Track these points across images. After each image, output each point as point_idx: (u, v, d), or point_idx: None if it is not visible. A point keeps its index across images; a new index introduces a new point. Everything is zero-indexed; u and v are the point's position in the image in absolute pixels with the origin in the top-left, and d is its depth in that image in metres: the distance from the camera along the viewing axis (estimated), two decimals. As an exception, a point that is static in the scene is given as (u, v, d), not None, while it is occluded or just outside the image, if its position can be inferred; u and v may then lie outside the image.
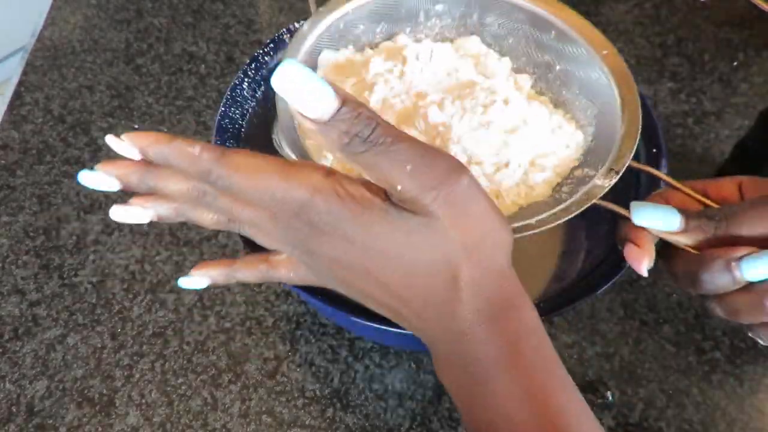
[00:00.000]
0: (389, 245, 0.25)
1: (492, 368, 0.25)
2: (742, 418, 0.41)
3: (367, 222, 0.25)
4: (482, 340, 0.25)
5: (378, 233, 0.25)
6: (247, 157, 0.26)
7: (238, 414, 0.41)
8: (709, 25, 0.62)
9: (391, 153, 0.23)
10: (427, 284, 0.26)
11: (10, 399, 0.41)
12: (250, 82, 0.40)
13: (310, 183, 0.25)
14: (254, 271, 0.30)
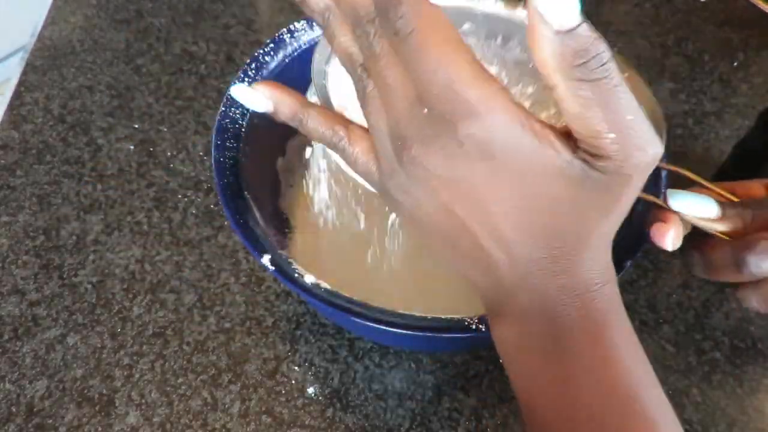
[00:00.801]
0: (553, 196, 0.22)
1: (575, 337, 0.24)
2: (742, 419, 0.41)
3: (540, 166, 0.22)
4: (579, 304, 0.24)
5: (544, 180, 0.22)
6: (449, 25, 0.22)
7: (238, 414, 0.41)
8: (709, 25, 0.62)
9: (619, 94, 0.20)
10: (556, 241, 0.23)
11: (10, 399, 0.41)
12: (250, 82, 0.40)
13: (496, 97, 0.21)
14: (327, 128, 0.26)
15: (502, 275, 0.24)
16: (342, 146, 0.26)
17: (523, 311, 0.24)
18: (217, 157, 0.36)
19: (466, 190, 0.23)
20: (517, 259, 0.24)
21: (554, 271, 0.24)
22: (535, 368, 0.25)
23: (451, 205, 0.24)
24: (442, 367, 0.43)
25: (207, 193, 0.50)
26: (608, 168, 0.21)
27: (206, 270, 0.46)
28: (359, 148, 0.26)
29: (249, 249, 0.33)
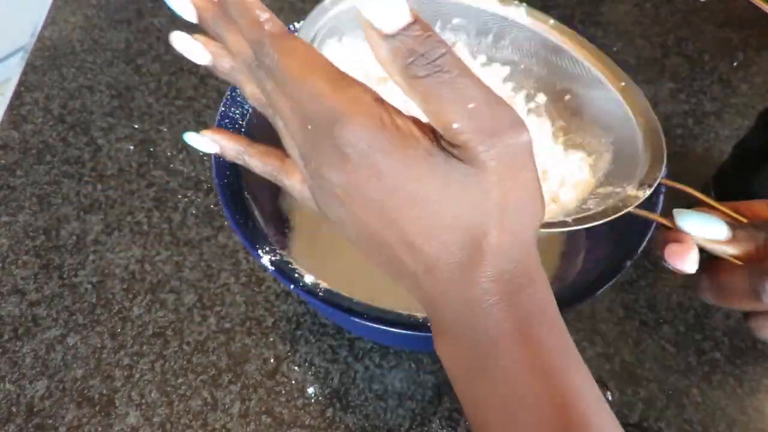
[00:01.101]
0: (423, 190, 0.23)
1: (502, 341, 0.23)
2: (742, 419, 0.41)
3: (405, 159, 0.23)
4: (495, 310, 0.23)
5: (414, 175, 0.23)
6: (307, 49, 0.24)
7: (238, 414, 0.41)
8: (709, 25, 0.62)
9: (455, 85, 0.21)
10: (451, 240, 0.23)
11: (10, 399, 0.41)
12: (250, 82, 0.39)
13: (356, 99, 0.23)
14: (266, 163, 0.29)
15: (422, 286, 0.25)
16: (280, 179, 0.29)
17: (447, 324, 0.25)
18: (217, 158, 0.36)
19: (363, 195, 0.24)
20: (428, 265, 0.24)
21: (464, 275, 0.24)
22: (473, 388, 0.25)
23: (361, 214, 0.24)
24: (442, 367, 0.42)
25: (207, 193, 0.50)
26: (465, 156, 0.22)
27: (206, 270, 0.46)
28: (294, 177, 0.28)
29: (249, 249, 0.33)
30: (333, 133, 0.23)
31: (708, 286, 0.30)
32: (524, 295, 0.24)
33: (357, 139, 0.23)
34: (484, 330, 0.24)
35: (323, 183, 0.25)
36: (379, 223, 0.24)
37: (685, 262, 0.29)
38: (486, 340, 0.24)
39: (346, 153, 0.23)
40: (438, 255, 0.24)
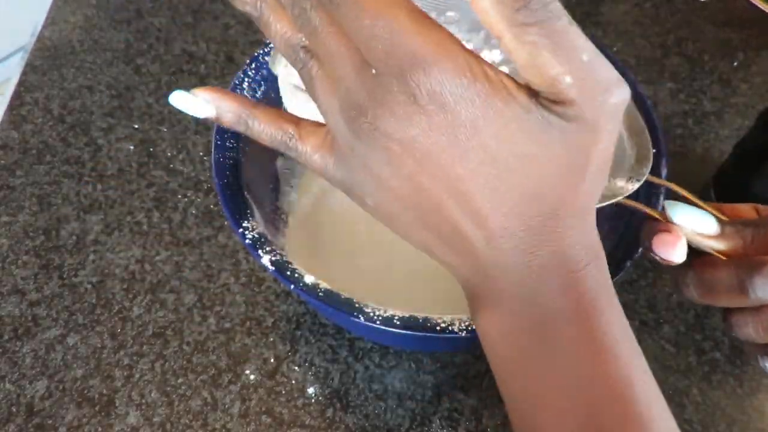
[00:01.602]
0: (509, 150, 0.20)
1: (565, 315, 0.22)
2: (742, 419, 0.41)
3: (495, 116, 0.20)
4: (563, 282, 0.22)
5: (502, 133, 0.20)
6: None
7: (238, 414, 0.41)
8: (709, 25, 0.62)
9: (568, 34, 0.19)
10: (527, 207, 0.21)
11: (10, 399, 0.41)
12: (250, 82, 0.40)
13: (442, 43, 0.20)
14: (276, 128, 0.25)
15: (479, 255, 0.23)
16: (293, 145, 0.25)
17: (503, 296, 0.23)
18: (217, 157, 0.36)
19: (428, 153, 0.21)
20: (493, 234, 0.22)
21: (533, 246, 0.22)
22: (519, 361, 0.23)
23: (417, 176, 0.22)
24: (442, 367, 0.43)
25: (207, 193, 0.50)
26: (570, 114, 0.20)
27: (206, 270, 0.46)
28: (310, 144, 0.25)
29: (249, 249, 0.33)
30: (409, 78, 0.20)
31: (693, 282, 0.30)
32: (591, 268, 0.22)
33: (440, 88, 0.20)
34: (547, 304, 0.22)
35: (374, 139, 0.22)
36: (440, 188, 0.22)
37: (674, 252, 0.28)
38: (548, 314, 0.22)
39: (421, 103, 0.20)
40: (507, 223, 0.22)
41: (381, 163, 0.22)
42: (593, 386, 0.22)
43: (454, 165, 0.21)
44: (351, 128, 0.22)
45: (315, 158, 0.24)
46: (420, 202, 0.22)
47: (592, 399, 0.22)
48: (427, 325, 0.31)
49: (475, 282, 0.24)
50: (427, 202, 0.22)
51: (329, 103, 0.23)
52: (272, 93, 0.40)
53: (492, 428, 0.41)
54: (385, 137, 0.21)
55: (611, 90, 0.20)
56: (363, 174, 0.23)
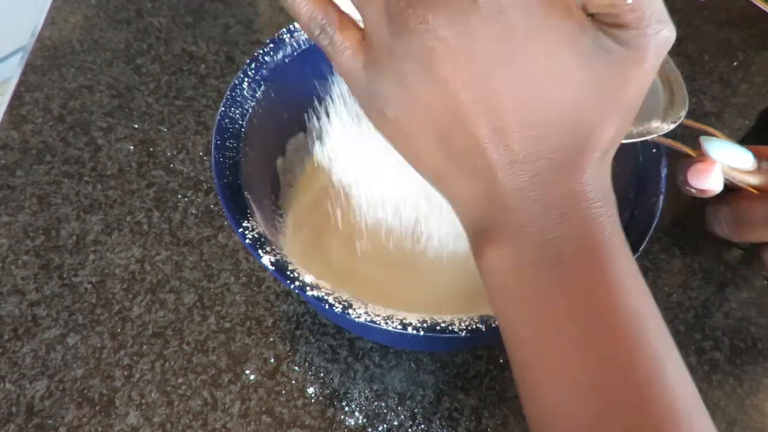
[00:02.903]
0: (556, 65, 0.20)
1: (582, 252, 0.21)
2: (742, 418, 0.41)
3: (551, 27, 0.19)
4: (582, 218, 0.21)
5: (554, 46, 0.20)
6: None
7: (238, 414, 0.41)
8: (709, 25, 0.62)
9: None
10: (557, 131, 0.21)
11: (10, 399, 0.41)
12: (250, 82, 0.40)
13: None
14: (320, 7, 0.23)
15: (499, 180, 0.21)
16: (330, 32, 0.23)
17: (517, 229, 0.22)
18: (217, 157, 0.36)
19: (472, 57, 0.20)
20: (517, 157, 0.21)
21: (556, 177, 0.21)
22: (530, 301, 0.22)
23: (453, 81, 0.20)
24: (442, 367, 0.43)
25: (207, 193, 0.50)
26: (625, 38, 0.20)
27: (206, 270, 0.46)
28: (348, 37, 0.23)
29: (249, 249, 0.33)
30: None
31: (727, 217, 0.29)
32: (607, 210, 0.22)
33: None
34: (563, 236, 0.21)
35: (419, 35, 0.20)
36: (473, 98, 0.21)
37: (708, 179, 0.28)
38: (564, 248, 0.21)
39: (478, 2, 0.19)
40: (534, 148, 0.21)
41: (417, 65, 0.21)
42: (612, 322, 0.21)
43: (495, 74, 0.20)
44: (395, 23, 0.21)
45: (347, 54, 0.23)
46: (446, 113, 0.21)
47: (609, 334, 0.21)
48: (428, 325, 0.31)
49: (484, 214, 0.22)
50: (454, 114, 0.21)
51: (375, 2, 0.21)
52: (272, 93, 0.40)
53: (492, 428, 0.41)
54: (431, 33, 0.20)
55: (665, 23, 0.20)
56: (393, 79, 0.22)
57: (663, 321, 0.23)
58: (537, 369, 0.22)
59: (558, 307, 0.21)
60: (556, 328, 0.21)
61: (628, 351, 0.21)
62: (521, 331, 0.22)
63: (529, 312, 0.22)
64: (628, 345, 0.21)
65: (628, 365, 0.21)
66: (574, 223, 0.21)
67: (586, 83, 0.20)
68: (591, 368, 0.21)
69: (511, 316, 0.23)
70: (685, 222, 0.48)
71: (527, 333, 0.22)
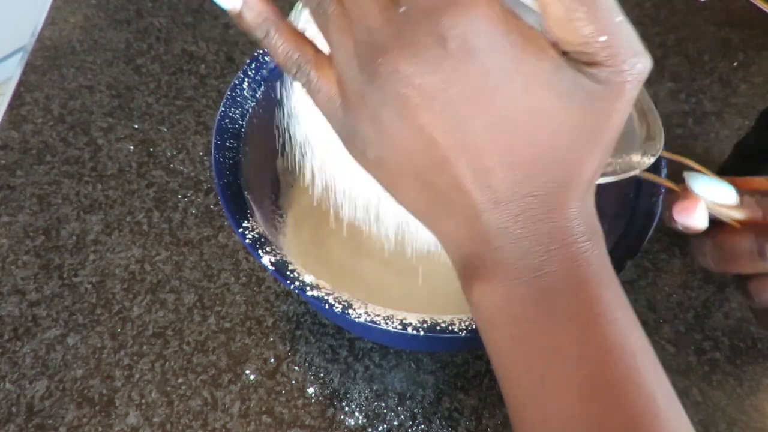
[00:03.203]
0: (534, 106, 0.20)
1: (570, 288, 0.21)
2: (742, 418, 0.41)
3: (526, 68, 0.20)
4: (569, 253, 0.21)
5: (531, 88, 0.20)
6: None
7: (238, 414, 0.41)
8: (709, 25, 0.62)
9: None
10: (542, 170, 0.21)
11: (10, 399, 0.41)
12: (250, 82, 0.40)
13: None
14: (295, 46, 0.23)
15: (482, 220, 0.21)
16: (306, 70, 0.23)
17: (506, 267, 0.22)
18: (217, 157, 0.36)
19: (447, 103, 0.20)
20: (501, 198, 0.21)
21: (541, 214, 0.21)
22: (523, 337, 0.22)
23: (430, 127, 0.20)
24: (442, 367, 0.43)
25: (207, 193, 0.50)
26: (601, 75, 0.20)
27: (206, 270, 0.46)
28: (325, 75, 0.23)
29: (249, 249, 0.33)
30: (442, 20, 0.19)
31: (711, 250, 0.30)
32: (593, 243, 0.22)
33: (476, 33, 0.19)
34: (551, 274, 0.21)
35: (392, 82, 0.20)
36: (452, 142, 0.21)
37: (694, 216, 0.28)
38: (552, 285, 0.21)
39: (451, 48, 0.19)
40: (518, 187, 0.21)
41: (392, 112, 0.21)
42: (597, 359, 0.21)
43: (473, 118, 0.20)
44: (366, 71, 0.21)
45: (324, 91, 0.23)
46: (427, 157, 0.21)
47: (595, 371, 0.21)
48: (428, 325, 0.31)
49: (473, 251, 0.22)
50: (434, 158, 0.21)
51: (344, 44, 0.21)
52: (272, 93, 0.40)
53: (492, 428, 0.41)
54: (403, 81, 0.20)
55: (639, 56, 0.20)
56: (370, 123, 0.22)
57: (652, 352, 0.22)
58: (528, 406, 0.22)
59: (546, 344, 0.22)
60: (545, 366, 0.22)
61: (618, 387, 0.21)
62: (511, 368, 0.23)
63: (518, 349, 0.22)
64: (617, 382, 0.21)
65: (618, 402, 0.21)
66: (561, 259, 0.21)
67: (566, 122, 0.20)
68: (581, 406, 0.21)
69: (499, 351, 0.23)
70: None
71: (517, 370, 0.22)
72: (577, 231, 0.21)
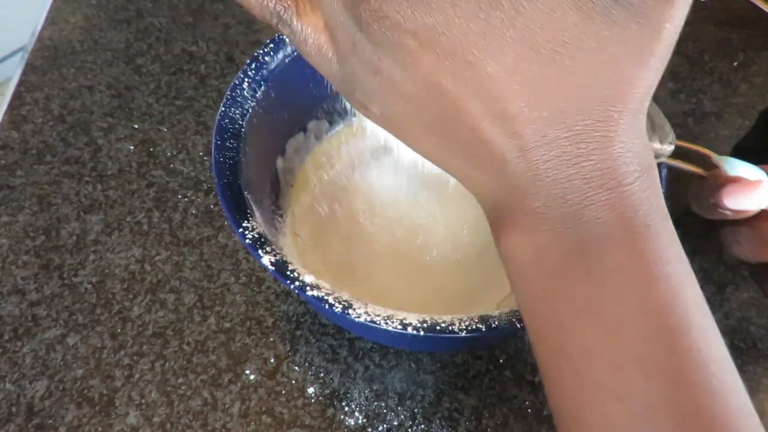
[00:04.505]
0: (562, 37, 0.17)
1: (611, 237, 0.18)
2: (742, 418, 0.41)
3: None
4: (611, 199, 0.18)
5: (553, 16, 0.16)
6: None
7: (238, 414, 0.41)
8: (709, 25, 0.62)
9: None
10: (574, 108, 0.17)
11: (10, 399, 0.41)
12: (250, 82, 0.40)
13: None
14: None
15: (510, 169, 0.19)
16: (288, 18, 0.20)
17: (539, 216, 0.19)
18: (217, 157, 0.36)
19: (452, 47, 0.17)
20: (528, 143, 0.18)
21: (577, 156, 0.18)
22: (558, 293, 0.19)
23: (436, 76, 0.18)
24: (442, 367, 0.43)
25: (207, 193, 0.50)
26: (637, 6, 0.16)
27: (206, 270, 0.46)
28: (310, 23, 0.20)
29: (249, 249, 0.33)
30: None
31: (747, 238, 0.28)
32: (644, 181, 0.19)
33: None
34: (592, 223, 0.18)
35: (384, 29, 0.17)
36: (466, 91, 0.18)
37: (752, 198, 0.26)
38: (593, 235, 0.19)
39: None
40: (548, 129, 0.18)
41: (390, 62, 0.18)
42: (641, 318, 0.18)
43: (485, 61, 0.17)
44: (354, 17, 0.18)
45: (311, 42, 0.20)
46: (440, 109, 0.19)
47: (638, 331, 0.18)
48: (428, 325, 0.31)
49: (502, 200, 0.20)
50: (447, 109, 0.18)
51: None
52: (272, 93, 0.40)
53: (492, 428, 0.41)
54: (395, 28, 0.17)
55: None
56: (366, 75, 0.19)
57: (705, 310, 0.20)
58: (560, 366, 0.20)
59: (581, 304, 0.19)
60: (581, 325, 0.19)
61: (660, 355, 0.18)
62: (542, 325, 0.20)
63: (551, 307, 0.20)
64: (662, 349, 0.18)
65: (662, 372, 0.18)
66: (603, 205, 0.18)
67: (603, 48, 0.17)
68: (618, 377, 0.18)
69: (531, 307, 0.21)
70: (685, 222, 0.48)
71: (548, 328, 0.20)
72: (622, 171, 0.18)
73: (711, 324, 0.20)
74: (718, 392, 0.18)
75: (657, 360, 0.18)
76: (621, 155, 0.18)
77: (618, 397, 0.18)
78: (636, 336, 0.18)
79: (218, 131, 0.37)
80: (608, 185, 0.18)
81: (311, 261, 0.42)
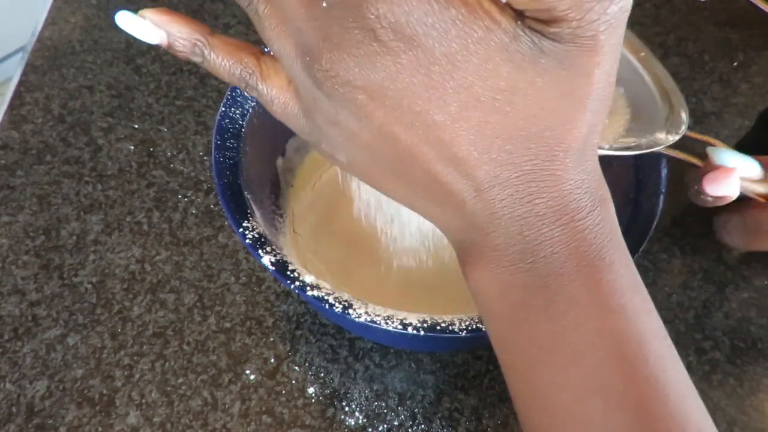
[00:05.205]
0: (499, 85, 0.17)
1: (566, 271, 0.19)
2: (742, 418, 0.41)
3: (475, 47, 0.17)
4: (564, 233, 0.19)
5: (486, 67, 0.17)
6: None
7: (238, 414, 0.41)
8: (709, 25, 0.62)
9: None
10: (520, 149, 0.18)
11: (10, 399, 0.41)
12: (250, 82, 0.40)
13: None
14: (235, 61, 0.21)
15: (469, 208, 0.20)
16: (254, 83, 0.21)
17: (501, 252, 0.20)
18: (217, 157, 0.36)
19: (398, 99, 0.18)
20: (482, 185, 0.19)
21: (529, 194, 0.19)
22: (522, 325, 0.20)
23: (388, 126, 0.19)
24: (442, 367, 0.43)
25: (207, 193, 0.50)
26: (565, 34, 0.17)
27: (206, 270, 0.46)
28: (274, 84, 0.21)
29: (249, 249, 0.33)
30: (367, 9, 0.17)
31: (738, 227, 0.29)
32: (597, 215, 0.20)
33: (406, 18, 0.16)
34: (548, 258, 0.19)
35: (335, 86, 0.18)
36: (417, 138, 0.19)
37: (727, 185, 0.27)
38: (550, 269, 0.19)
39: (383, 40, 0.17)
40: (498, 171, 0.19)
41: (347, 114, 0.19)
42: (599, 348, 0.19)
43: (431, 111, 0.18)
44: (309, 76, 0.19)
45: (278, 102, 0.21)
46: (397, 156, 0.20)
47: (597, 362, 0.19)
48: (428, 325, 0.31)
49: (466, 237, 0.21)
50: (405, 157, 0.19)
51: (283, 49, 0.19)
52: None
53: (492, 428, 0.41)
54: (346, 84, 0.18)
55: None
56: (330, 128, 0.20)
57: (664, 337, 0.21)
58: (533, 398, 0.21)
59: (544, 334, 0.20)
60: (546, 357, 0.20)
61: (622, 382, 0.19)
62: (511, 357, 0.21)
63: (516, 338, 0.21)
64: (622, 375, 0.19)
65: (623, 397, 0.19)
66: (558, 239, 0.19)
67: (537, 93, 0.18)
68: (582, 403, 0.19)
69: (499, 340, 0.22)
70: (685, 222, 0.48)
71: (517, 360, 0.21)
72: (573, 207, 0.19)
73: (669, 351, 0.21)
74: (677, 419, 0.20)
75: (616, 390, 0.19)
76: (571, 192, 0.19)
77: (582, 427, 0.19)
78: (595, 367, 0.19)
79: (218, 131, 0.37)
80: (561, 221, 0.19)
81: (311, 261, 0.42)
